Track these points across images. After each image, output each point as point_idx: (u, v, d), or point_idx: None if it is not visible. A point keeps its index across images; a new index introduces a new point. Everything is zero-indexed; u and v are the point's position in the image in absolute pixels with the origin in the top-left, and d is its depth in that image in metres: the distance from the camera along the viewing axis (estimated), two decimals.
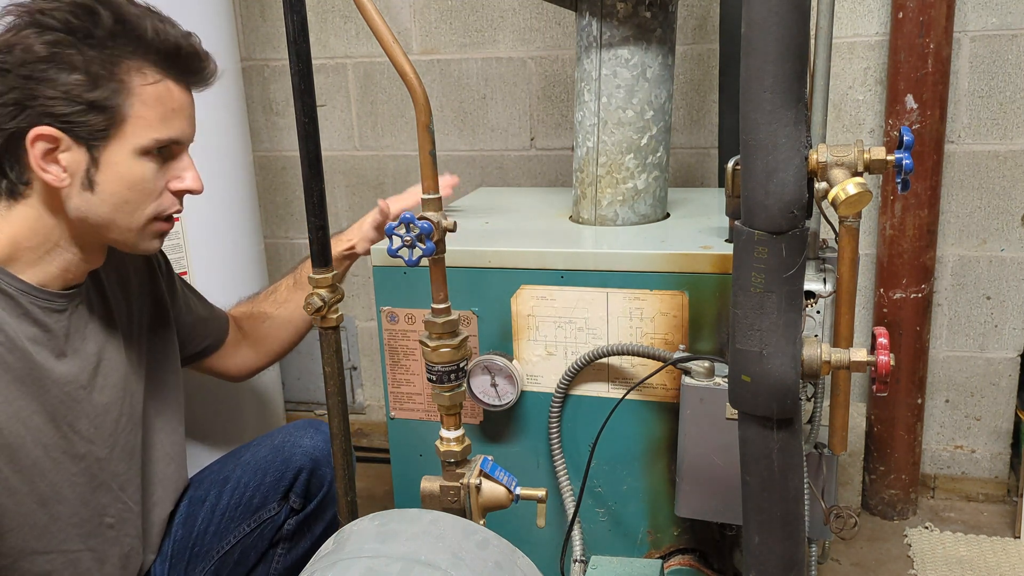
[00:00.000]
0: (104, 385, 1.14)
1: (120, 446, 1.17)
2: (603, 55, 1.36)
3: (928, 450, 2.08)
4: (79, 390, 1.10)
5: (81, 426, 1.11)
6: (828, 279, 1.20)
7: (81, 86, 0.97)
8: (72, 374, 1.09)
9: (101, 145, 1.00)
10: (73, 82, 0.97)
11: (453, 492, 1.01)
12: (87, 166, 1.01)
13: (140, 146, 1.02)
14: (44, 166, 0.99)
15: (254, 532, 1.32)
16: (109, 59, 0.99)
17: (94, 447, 1.13)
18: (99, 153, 1.01)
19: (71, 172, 1.00)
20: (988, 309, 1.97)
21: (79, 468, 1.11)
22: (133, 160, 1.02)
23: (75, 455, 1.10)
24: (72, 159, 1.00)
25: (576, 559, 1.30)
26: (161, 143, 1.04)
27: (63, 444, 1.08)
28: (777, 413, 0.86)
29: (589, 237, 1.39)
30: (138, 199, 1.05)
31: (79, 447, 1.11)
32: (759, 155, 0.80)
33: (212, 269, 1.73)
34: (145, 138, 1.02)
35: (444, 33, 2.14)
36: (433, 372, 0.99)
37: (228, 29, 1.78)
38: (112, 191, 1.03)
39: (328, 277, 1.03)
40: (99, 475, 1.14)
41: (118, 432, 1.16)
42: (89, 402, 1.12)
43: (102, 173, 1.02)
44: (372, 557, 0.80)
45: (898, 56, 1.80)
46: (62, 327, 1.08)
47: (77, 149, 1.00)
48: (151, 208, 1.06)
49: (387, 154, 2.27)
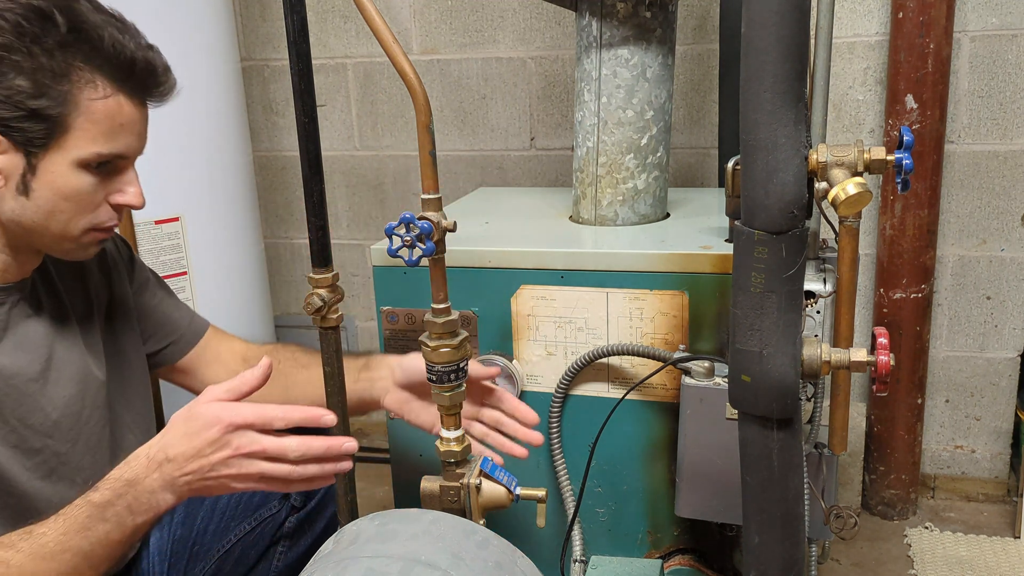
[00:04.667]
0: (59, 378, 1.11)
1: (84, 440, 1.14)
2: (603, 55, 1.36)
3: (928, 450, 2.08)
4: (29, 383, 1.08)
5: (34, 420, 1.08)
6: (828, 279, 1.20)
7: (24, 93, 0.94)
8: (16, 367, 1.07)
9: (39, 153, 0.98)
10: (16, 87, 0.94)
11: (453, 492, 1.01)
12: (23, 171, 0.98)
13: (80, 158, 0.99)
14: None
15: (254, 530, 1.32)
16: (58, 68, 0.96)
17: (51, 441, 1.10)
18: (36, 160, 0.98)
19: (6, 175, 0.98)
20: (988, 309, 1.97)
21: (34, 462, 1.08)
22: (71, 172, 1.00)
23: (28, 449, 1.08)
24: (8, 162, 0.98)
25: (576, 559, 1.30)
26: (103, 158, 1.01)
27: (12, 438, 1.06)
28: (777, 413, 0.86)
29: (589, 237, 1.39)
30: (72, 210, 1.02)
31: (33, 441, 1.08)
32: (759, 155, 0.80)
33: (212, 269, 1.73)
34: (86, 151, 0.99)
35: (444, 33, 2.14)
36: (433, 372, 0.99)
37: (228, 29, 1.78)
38: (46, 199, 1.00)
39: (328, 277, 1.03)
40: (59, 469, 1.11)
41: (80, 425, 1.14)
42: (43, 395, 1.09)
43: (38, 180, 0.99)
44: (372, 557, 0.80)
45: (898, 56, 1.80)
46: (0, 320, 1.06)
47: (14, 153, 0.97)
48: (86, 220, 1.04)
49: (387, 154, 2.27)
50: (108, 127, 1.00)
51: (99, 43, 0.98)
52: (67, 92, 0.97)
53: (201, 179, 1.72)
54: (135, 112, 1.03)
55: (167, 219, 1.65)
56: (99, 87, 0.99)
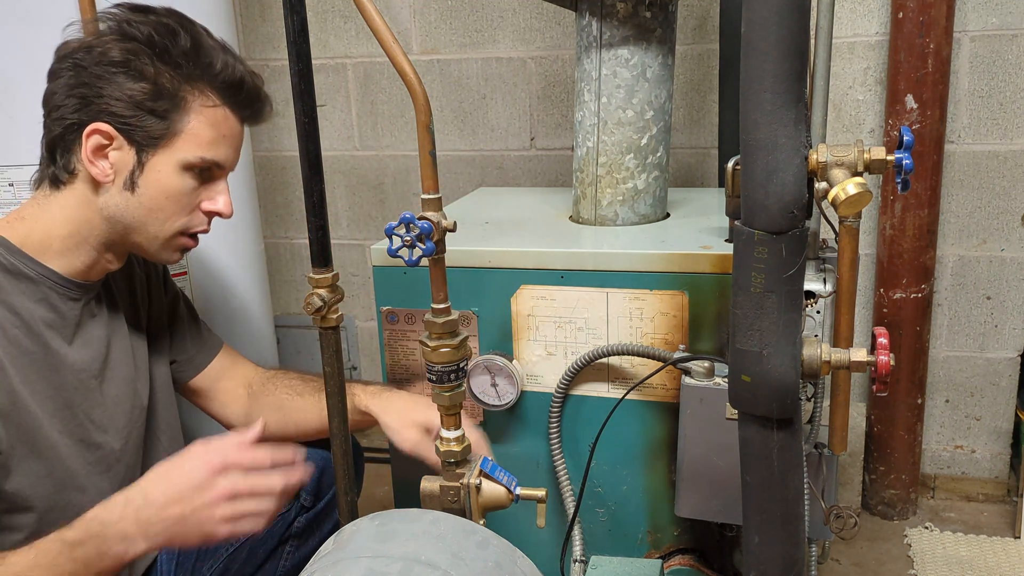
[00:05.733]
0: (113, 377, 1.18)
1: (133, 439, 1.20)
2: (603, 55, 1.36)
3: (928, 450, 2.08)
4: (91, 379, 1.14)
5: (96, 415, 1.14)
6: (828, 279, 1.20)
7: (145, 94, 1.04)
8: (84, 362, 1.13)
9: (150, 151, 1.07)
10: (139, 89, 1.04)
11: (453, 492, 1.01)
12: (133, 167, 1.07)
13: (186, 161, 1.08)
14: (93, 159, 1.05)
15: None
16: (178, 77, 1.06)
17: (108, 437, 1.16)
18: (147, 158, 1.07)
19: (117, 170, 1.07)
20: (988, 309, 1.97)
21: (95, 457, 1.14)
22: (176, 172, 1.09)
23: (91, 443, 1.13)
24: (121, 158, 1.06)
25: (576, 559, 1.30)
26: (206, 163, 1.10)
27: (79, 431, 1.12)
28: (777, 413, 0.86)
29: (589, 237, 1.39)
30: (171, 209, 1.10)
31: (95, 436, 1.14)
32: (759, 155, 0.80)
33: (212, 269, 1.73)
34: (192, 154, 1.08)
35: (444, 33, 2.14)
36: (433, 372, 0.99)
37: (228, 29, 1.78)
38: (150, 196, 1.08)
39: (328, 277, 1.03)
40: (114, 466, 1.16)
41: (131, 425, 1.20)
42: (100, 392, 1.15)
43: (145, 177, 1.08)
44: (372, 557, 0.80)
45: (898, 56, 1.80)
46: (75, 315, 1.12)
47: (128, 150, 1.06)
48: (181, 222, 1.12)
49: (387, 154, 2.27)
50: (214, 135, 1.10)
51: (215, 60, 1.09)
52: (183, 98, 1.07)
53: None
54: (237, 126, 1.14)
55: None
56: (209, 97, 1.09)
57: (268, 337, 1.97)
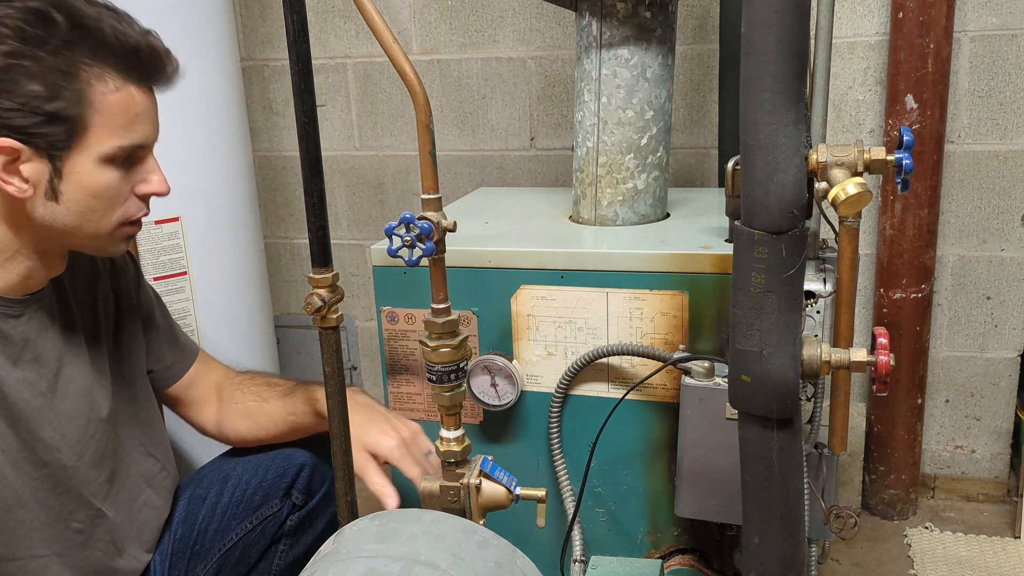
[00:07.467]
0: (66, 392, 1.11)
1: (90, 453, 1.14)
2: (603, 55, 1.36)
3: (928, 450, 2.08)
4: (38, 397, 1.08)
5: (44, 433, 1.08)
6: (828, 279, 1.20)
7: (39, 97, 0.94)
8: (30, 380, 1.07)
9: (63, 155, 0.98)
10: (31, 93, 0.94)
11: (453, 492, 1.01)
12: (50, 176, 0.99)
13: (103, 154, 1.00)
14: (5, 177, 0.97)
15: (256, 529, 1.32)
16: (67, 66, 0.96)
17: (59, 455, 1.10)
18: (61, 163, 0.98)
19: (33, 183, 0.98)
20: (988, 309, 1.97)
21: (41, 474, 1.08)
22: (97, 168, 1.00)
23: (37, 462, 1.08)
24: (34, 170, 0.97)
25: (576, 559, 1.30)
26: (125, 150, 1.02)
27: (23, 450, 1.06)
28: (777, 413, 0.86)
29: (589, 237, 1.39)
30: (104, 207, 1.03)
31: (42, 454, 1.08)
32: (759, 155, 0.80)
33: (212, 269, 1.73)
34: (108, 146, 1.00)
35: (444, 33, 2.14)
36: (433, 372, 0.99)
37: (228, 29, 1.78)
38: (77, 200, 1.01)
39: (328, 277, 1.03)
40: (66, 482, 1.11)
41: (87, 439, 1.14)
42: (51, 409, 1.09)
43: (65, 183, 0.99)
44: (372, 557, 0.80)
45: (898, 56, 1.80)
46: (19, 333, 1.06)
47: (38, 160, 0.97)
48: (117, 214, 1.05)
49: (387, 154, 2.27)
50: (124, 119, 1.01)
51: (101, 35, 0.98)
52: (80, 90, 0.97)
53: (201, 179, 1.72)
54: (146, 100, 1.04)
55: (167, 219, 1.64)
56: (108, 81, 0.99)
57: (268, 337, 1.97)
